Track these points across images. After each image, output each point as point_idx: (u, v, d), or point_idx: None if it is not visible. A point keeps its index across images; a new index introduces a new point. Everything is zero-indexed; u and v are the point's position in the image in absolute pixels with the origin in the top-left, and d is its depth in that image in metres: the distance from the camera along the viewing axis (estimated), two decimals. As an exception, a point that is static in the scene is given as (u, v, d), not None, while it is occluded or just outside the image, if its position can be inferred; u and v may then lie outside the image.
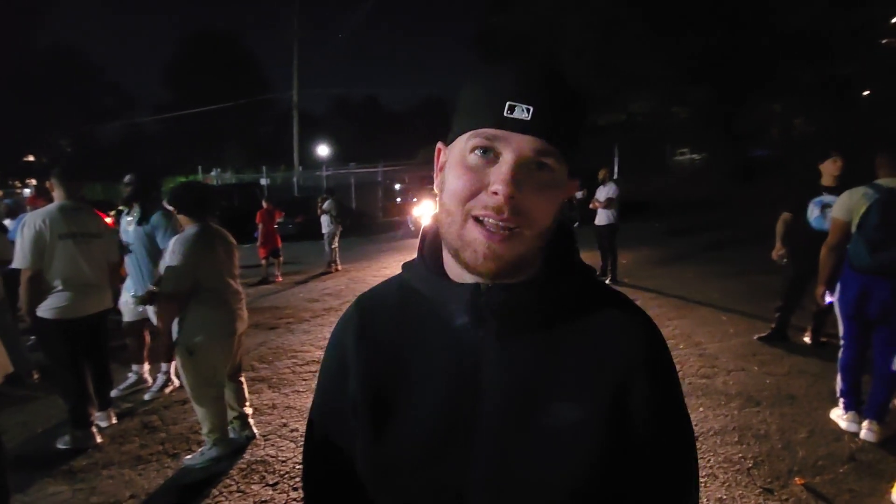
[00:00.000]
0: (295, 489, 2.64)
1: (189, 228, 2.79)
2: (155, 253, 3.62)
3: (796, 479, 2.54)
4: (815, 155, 3.91)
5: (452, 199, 0.58)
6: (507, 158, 0.55)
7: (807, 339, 4.42)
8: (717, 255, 8.74)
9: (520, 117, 0.55)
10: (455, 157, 0.59)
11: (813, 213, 3.83)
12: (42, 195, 5.34)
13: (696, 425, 3.10)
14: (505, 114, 0.55)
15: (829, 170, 3.73)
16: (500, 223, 0.55)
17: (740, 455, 2.77)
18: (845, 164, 3.70)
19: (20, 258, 2.94)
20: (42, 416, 3.56)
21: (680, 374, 3.86)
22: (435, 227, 0.67)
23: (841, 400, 3.07)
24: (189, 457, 2.93)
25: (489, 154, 0.57)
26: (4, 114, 24.80)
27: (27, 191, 17.72)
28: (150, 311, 3.73)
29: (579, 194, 13.89)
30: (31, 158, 30.17)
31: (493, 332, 0.61)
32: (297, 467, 2.84)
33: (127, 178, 3.78)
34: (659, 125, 21.43)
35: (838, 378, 3.08)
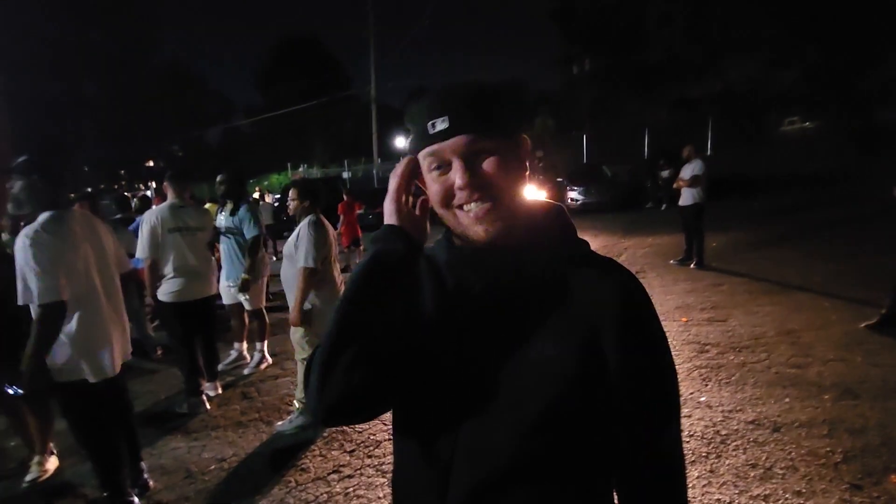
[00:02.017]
0: (369, 457, 2.89)
1: (311, 217, 3.17)
2: (243, 242, 4.07)
3: (892, 476, 2.31)
4: None
5: (437, 205, 0.75)
6: (455, 162, 0.71)
7: (927, 327, 3.91)
8: (825, 236, 7.84)
9: (442, 128, 0.70)
10: (426, 174, 0.75)
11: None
12: (159, 195, 6.17)
13: (777, 416, 2.91)
14: (431, 132, 0.71)
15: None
16: (477, 203, 0.71)
17: (828, 449, 2.57)
18: None
19: (140, 249, 3.51)
20: (165, 385, 4.17)
21: (766, 362, 3.63)
22: None
23: (959, 394, 2.72)
24: (280, 423, 3.31)
25: (444, 165, 0.72)
26: (130, 125, 28.32)
27: (149, 192, 20.10)
28: (243, 296, 4.20)
29: (665, 173, 13.05)
30: (150, 164, 34.25)
31: (488, 285, 0.75)
32: (372, 437, 3.08)
33: (219, 178, 4.29)
34: (762, 92, 19.28)
35: (956, 370, 2.73)
